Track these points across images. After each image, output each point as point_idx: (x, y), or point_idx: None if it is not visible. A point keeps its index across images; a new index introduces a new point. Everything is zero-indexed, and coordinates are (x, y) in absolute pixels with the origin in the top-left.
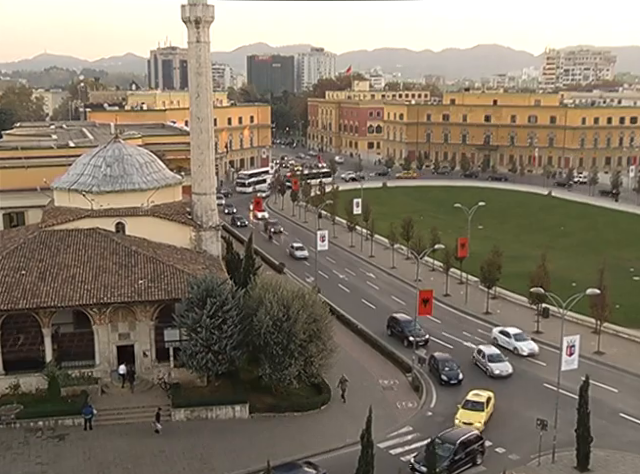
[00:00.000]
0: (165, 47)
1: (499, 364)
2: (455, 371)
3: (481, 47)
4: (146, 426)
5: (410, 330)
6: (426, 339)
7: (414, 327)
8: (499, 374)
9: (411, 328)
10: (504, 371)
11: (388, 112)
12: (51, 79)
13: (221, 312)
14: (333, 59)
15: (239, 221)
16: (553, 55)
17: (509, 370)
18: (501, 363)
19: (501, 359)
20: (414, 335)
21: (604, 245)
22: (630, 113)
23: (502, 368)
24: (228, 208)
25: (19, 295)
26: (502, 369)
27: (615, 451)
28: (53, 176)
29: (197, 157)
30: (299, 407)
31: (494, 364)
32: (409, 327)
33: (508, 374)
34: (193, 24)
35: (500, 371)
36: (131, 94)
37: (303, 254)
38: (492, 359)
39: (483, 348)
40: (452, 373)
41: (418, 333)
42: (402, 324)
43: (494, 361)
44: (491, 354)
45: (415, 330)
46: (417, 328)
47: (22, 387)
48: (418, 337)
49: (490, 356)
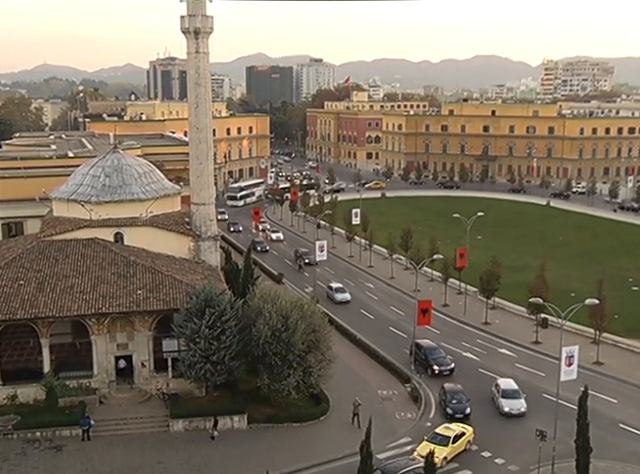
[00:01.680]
0: (164, 58)
1: (512, 401)
2: (463, 404)
3: (479, 58)
4: (144, 437)
5: (435, 358)
6: (452, 368)
7: (439, 355)
8: (509, 411)
9: (436, 356)
10: (515, 409)
11: (387, 122)
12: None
13: (220, 322)
14: (332, 70)
15: (259, 246)
16: (551, 66)
17: (522, 408)
18: (515, 400)
19: (516, 395)
20: (439, 364)
21: (603, 255)
22: (628, 123)
23: (514, 406)
24: (234, 226)
25: (17, 305)
26: (513, 407)
27: (615, 462)
28: (52, 186)
29: (196, 167)
30: (298, 418)
31: (506, 400)
32: (434, 355)
33: (520, 413)
34: (192, 35)
35: (510, 409)
36: (130, 104)
37: (344, 297)
38: (506, 394)
39: (500, 381)
40: (459, 406)
41: (443, 362)
42: (426, 351)
43: (507, 397)
44: (506, 389)
45: (440, 358)
46: (442, 356)
47: (20, 398)
48: (443, 366)
49: (505, 391)
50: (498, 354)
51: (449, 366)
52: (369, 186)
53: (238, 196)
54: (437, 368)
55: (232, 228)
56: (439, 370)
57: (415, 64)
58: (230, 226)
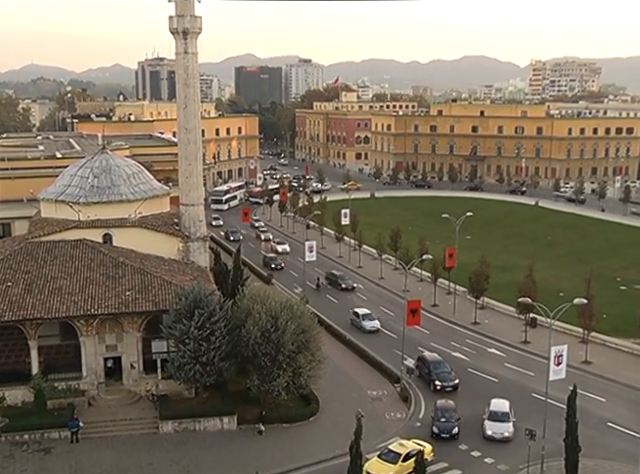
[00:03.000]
0: (153, 58)
1: (498, 424)
2: (451, 424)
3: (468, 58)
4: (134, 439)
5: (438, 373)
6: (455, 385)
7: (443, 370)
8: (491, 435)
9: (439, 371)
10: (498, 433)
11: (376, 123)
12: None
13: (209, 323)
14: (321, 70)
15: (274, 262)
16: (539, 66)
17: (506, 433)
18: (501, 424)
19: (504, 419)
20: (441, 379)
21: (591, 255)
22: (615, 124)
23: (498, 429)
24: (233, 235)
25: (5, 307)
26: (497, 430)
27: (603, 461)
28: (40, 187)
29: (185, 168)
30: (288, 418)
31: (491, 423)
32: (437, 369)
33: (504, 437)
34: (181, 35)
35: (493, 432)
36: (119, 105)
37: (373, 325)
38: (493, 416)
39: (493, 402)
40: (446, 425)
41: (446, 377)
42: (430, 365)
43: (494, 419)
44: (495, 411)
45: (443, 374)
46: (446, 371)
47: (8, 400)
48: (445, 382)
49: (492, 413)
50: (487, 354)
51: (452, 382)
52: (345, 187)
53: (224, 199)
54: (439, 384)
55: (231, 237)
56: (441, 386)
57: (404, 64)
58: (229, 234)
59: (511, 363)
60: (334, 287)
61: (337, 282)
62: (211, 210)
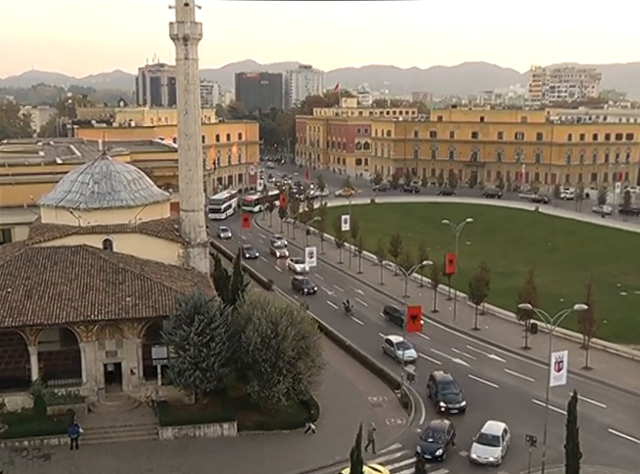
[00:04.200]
0: (153, 64)
1: (484, 448)
2: (437, 445)
3: (468, 64)
4: (133, 445)
5: (445, 394)
6: (462, 407)
7: (451, 391)
8: (475, 459)
9: (446, 392)
10: (483, 457)
11: (376, 129)
12: (39, 96)
13: (209, 329)
14: (321, 76)
15: (306, 286)
16: (539, 72)
17: (491, 458)
18: (488, 447)
19: (494, 443)
20: (447, 401)
21: (591, 261)
22: (615, 130)
23: (483, 454)
24: (249, 252)
25: (5, 313)
26: (482, 455)
27: (604, 467)
28: (40, 193)
29: (185, 174)
30: (288, 425)
31: (478, 446)
32: (445, 390)
33: (488, 462)
34: (181, 41)
35: (477, 456)
36: (119, 111)
37: (410, 355)
38: (482, 439)
39: (487, 424)
40: (431, 446)
41: (452, 399)
42: (438, 385)
43: (482, 442)
44: (485, 433)
45: (450, 395)
46: (454, 392)
47: (7, 406)
48: (451, 404)
49: (482, 436)
50: (488, 360)
51: (458, 404)
52: (339, 193)
53: (222, 208)
54: (443, 405)
55: (247, 254)
56: (445, 407)
57: (404, 71)
58: (245, 251)
59: (511, 369)
60: (395, 323)
61: (400, 318)
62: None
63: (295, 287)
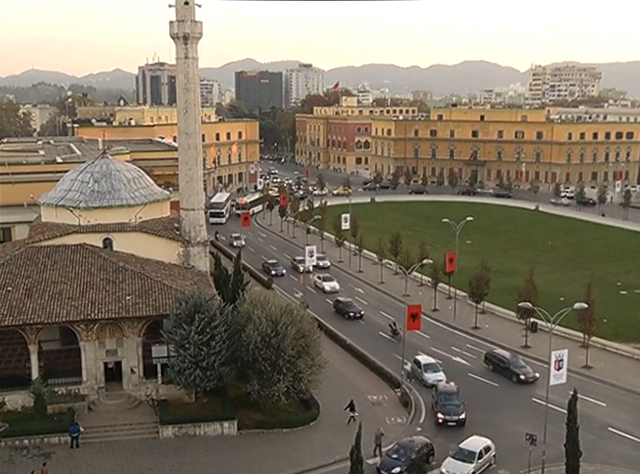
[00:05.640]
0: (153, 63)
1: (455, 463)
2: (399, 462)
3: (468, 63)
4: (134, 443)
5: (444, 405)
6: (460, 419)
7: (451, 402)
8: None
9: (446, 403)
10: (452, 473)
11: (376, 128)
12: (39, 95)
13: (209, 328)
14: (321, 75)
15: (351, 310)
16: (539, 71)
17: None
18: (460, 463)
19: (467, 459)
20: (445, 412)
21: (591, 259)
22: (615, 128)
23: (452, 468)
24: (275, 268)
25: (5, 312)
26: (451, 470)
27: (604, 465)
28: (40, 192)
29: (185, 173)
30: (288, 423)
31: (450, 460)
32: (445, 400)
33: None
34: (181, 40)
35: (447, 471)
36: (119, 110)
37: (437, 378)
38: (457, 454)
39: (470, 439)
40: (392, 463)
41: (451, 410)
42: (439, 396)
43: (456, 457)
44: (462, 449)
45: (450, 406)
46: (454, 404)
47: (7, 405)
48: (449, 415)
49: (458, 451)
50: None
51: (456, 416)
52: (337, 192)
53: (223, 211)
54: (441, 417)
55: (273, 270)
56: (443, 419)
57: (404, 69)
58: (270, 268)
59: None
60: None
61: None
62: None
63: (339, 311)
